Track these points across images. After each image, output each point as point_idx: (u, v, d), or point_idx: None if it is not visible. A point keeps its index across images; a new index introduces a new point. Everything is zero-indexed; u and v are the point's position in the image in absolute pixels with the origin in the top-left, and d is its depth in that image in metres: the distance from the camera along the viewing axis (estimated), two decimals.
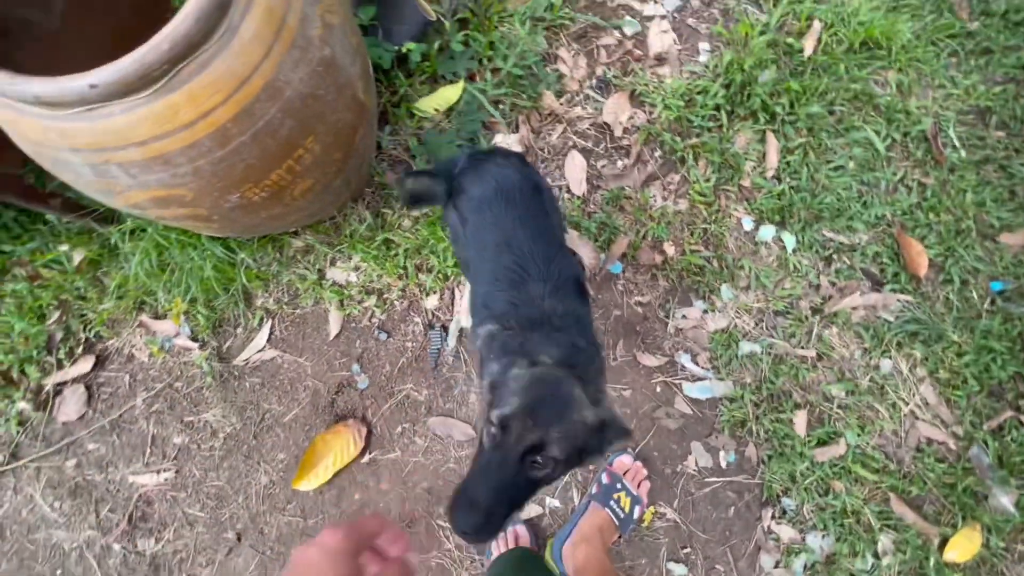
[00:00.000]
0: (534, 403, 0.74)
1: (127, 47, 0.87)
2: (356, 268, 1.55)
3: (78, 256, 1.56)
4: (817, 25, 1.60)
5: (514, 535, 1.37)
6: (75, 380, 1.55)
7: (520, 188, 1.08)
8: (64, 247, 1.55)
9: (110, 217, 1.50)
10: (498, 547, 1.35)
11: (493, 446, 0.73)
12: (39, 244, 1.57)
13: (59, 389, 1.55)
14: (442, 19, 1.56)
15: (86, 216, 1.44)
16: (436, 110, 1.59)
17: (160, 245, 1.41)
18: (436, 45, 1.55)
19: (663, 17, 1.68)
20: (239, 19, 0.92)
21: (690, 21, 1.68)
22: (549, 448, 0.71)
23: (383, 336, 1.52)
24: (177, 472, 1.49)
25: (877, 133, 1.55)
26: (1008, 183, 1.53)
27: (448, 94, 1.58)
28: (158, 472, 1.49)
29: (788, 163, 1.54)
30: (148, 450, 1.51)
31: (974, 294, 1.46)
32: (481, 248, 1.07)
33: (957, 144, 1.55)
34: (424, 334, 1.52)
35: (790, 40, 1.59)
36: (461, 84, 1.58)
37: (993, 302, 1.45)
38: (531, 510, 1.41)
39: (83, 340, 1.57)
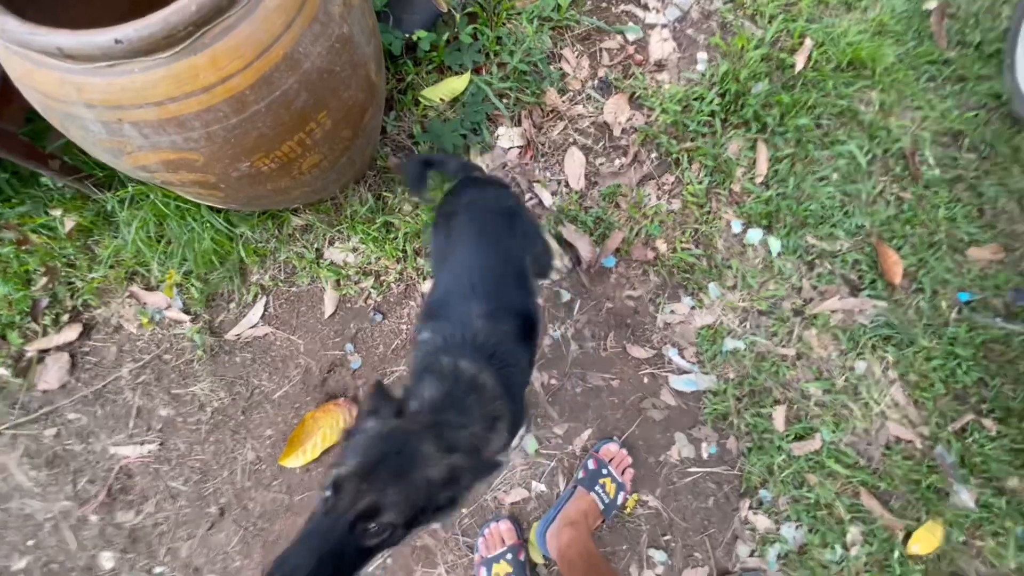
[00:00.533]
0: (372, 462, 0.68)
1: (140, 15, 0.88)
2: (354, 249, 1.56)
3: (70, 222, 1.54)
4: (808, 43, 1.69)
5: (499, 533, 1.37)
6: (59, 348, 1.53)
7: (494, 212, 1.10)
8: (57, 212, 1.53)
9: (107, 184, 1.48)
10: (485, 545, 1.36)
11: (324, 511, 0.65)
12: (30, 208, 1.54)
13: (41, 356, 1.52)
14: (452, 11, 1.60)
15: (84, 180, 1.43)
16: (441, 99, 1.63)
17: (161, 213, 1.41)
18: (445, 36, 1.59)
19: (664, 26, 1.75)
20: None
21: (689, 31, 1.76)
22: (384, 513, 0.65)
23: (378, 317, 1.53)
24: (161, 445, 1.47)
25: (860, 148, 1.63)
26: (977, 202, 1.63)
27: (454, 84, 1.62)
28: (141, 444, 1.47)
29: (776, 171, 1.62)
30: (132, 422, 1.49)
31: (943, 303, 1.55)
32: (448, 261, 1.07)
33: (932, 163, 1.65)
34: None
35: (783, 55, 1.67)
36: (467, 76, 1.61)
37: (960, 311, 1.54)
38: (516, 494, 1.43)
39: (70, 308, 1.55)
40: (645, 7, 1.77)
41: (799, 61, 1.68)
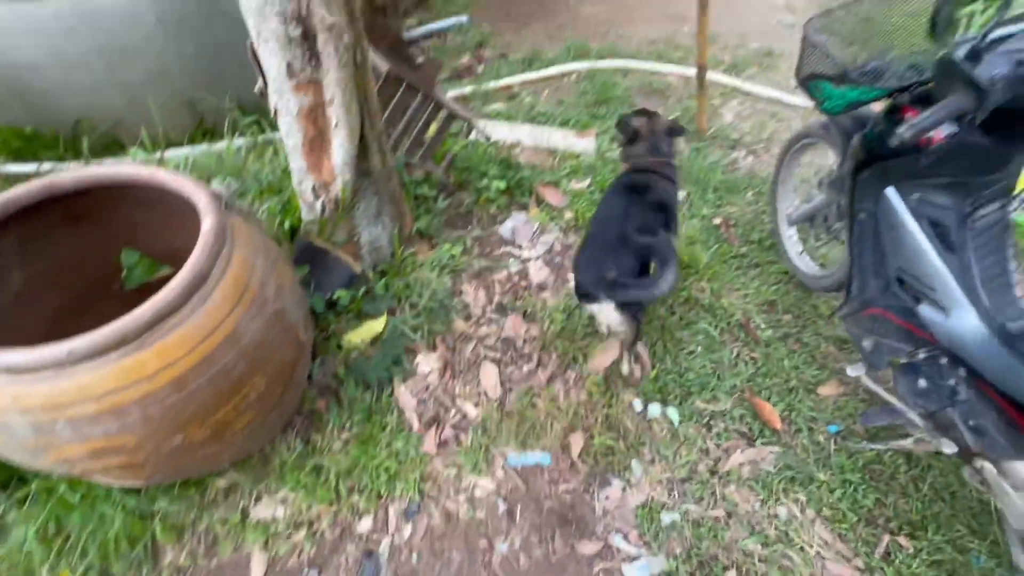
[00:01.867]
0: None
1: (77, 314, 1.02)
2: (283, 501, 1.52)
3: None
4: None
5: None
6: None
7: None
8: None
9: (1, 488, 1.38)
10: None
11: None
12: None
13: None
14: (365, 271, 1.92)
15: None
16: (362, 341, 1.83)
17: (67, 505, 1.31)
18: (362, 290, 1.87)
19: (537, 258, 2.22)
20: (212, 288, 1.14)
21: (557, 259, 2.24)
22: None
23: (313, 573, 1.42)
24: None
25: (710, 324, 2.05)
26: (807, 350, 2.04)
27: (373, 327, 1.85)
28: None
29: (655, 352, 1.95)
30: None
31: (820, 438, 1.81)
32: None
33: (764, 327, 2.10)
34: (359, 564, 1.45)
35: None
36: (384, 318, 1.87)
37: (836, 442, 1.80)
38: None
39: None
40: (519, 247, 2.26)
41: None
